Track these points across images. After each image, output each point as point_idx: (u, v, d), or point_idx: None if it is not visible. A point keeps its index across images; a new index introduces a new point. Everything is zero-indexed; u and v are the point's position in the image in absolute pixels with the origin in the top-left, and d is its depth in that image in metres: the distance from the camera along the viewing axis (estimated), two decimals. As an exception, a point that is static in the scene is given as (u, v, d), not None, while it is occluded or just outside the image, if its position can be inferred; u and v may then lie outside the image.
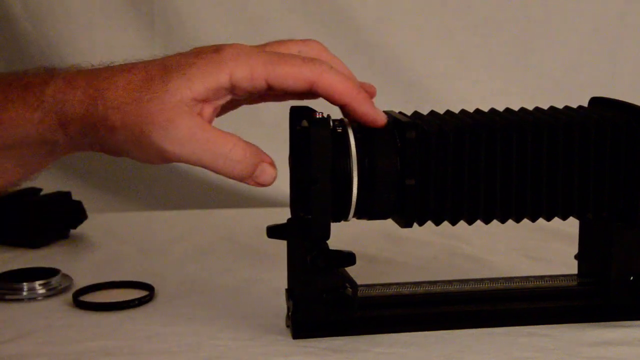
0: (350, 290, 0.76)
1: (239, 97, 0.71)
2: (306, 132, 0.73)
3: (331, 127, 0.73)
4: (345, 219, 0.75)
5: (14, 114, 0.68)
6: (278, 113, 1.36)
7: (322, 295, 0.75)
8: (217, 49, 0.70)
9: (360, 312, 0.77)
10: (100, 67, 0.70)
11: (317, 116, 0.72)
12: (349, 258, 0.76)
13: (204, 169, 0.69)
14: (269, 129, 1.33)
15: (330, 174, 0.72)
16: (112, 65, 0.70)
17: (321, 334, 0.77)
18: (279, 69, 0.69)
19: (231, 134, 0.69)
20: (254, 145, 0.70)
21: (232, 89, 0.69)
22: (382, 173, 0.73)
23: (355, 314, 0.76)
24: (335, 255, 0.75)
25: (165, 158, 0.68)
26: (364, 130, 0.74)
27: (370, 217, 0.76)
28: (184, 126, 0.67)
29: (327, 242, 0.76)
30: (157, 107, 0.67)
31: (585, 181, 0.76)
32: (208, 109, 0.69)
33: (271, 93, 0.73)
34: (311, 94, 0.72)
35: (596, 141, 0.76)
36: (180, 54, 0.70)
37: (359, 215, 0.75)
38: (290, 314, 0.78)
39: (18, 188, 1.09)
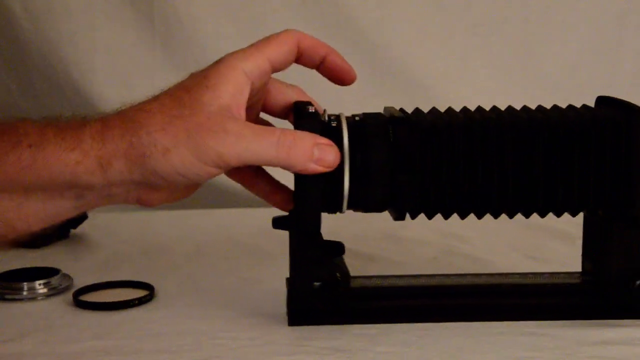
0: (341, 279, 0.76)
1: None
2: (298, 126, 0.74)
3: (325, 121, 0.74)
4: (340, 210, 0.76)
5: (49, 153, 0.68)
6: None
7: (313, 284, 0.76)
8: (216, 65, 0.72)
9: (354, 302, 0.78)
10: (123, 107, 0.71)
11: (310, 110, 0.73)
12: (338, 247, 0.77)
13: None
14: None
15: None
16: (132, 104, 0.71)
17: (316, 322, 0.78)
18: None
19: (276, 127, 0.72)
20: (303, 131, 0.72)
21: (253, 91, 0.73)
22: (374, 166, 0.74)
23: (346, 303, 0.77)
24: (325, 245, 0.76)
25: (221, 164, 0.69)
26: (358, 124, 0.75)
27: (365, 209, 0.76)
28: (232, 127, 0.69)
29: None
30: (203, 117, 0.69)
31: (585, 180, 0.76)
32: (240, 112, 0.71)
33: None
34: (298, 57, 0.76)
35: (596, 140, 0.76)
36: (188, 80, 0.72)
37: (353, 207, 0.76)
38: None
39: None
